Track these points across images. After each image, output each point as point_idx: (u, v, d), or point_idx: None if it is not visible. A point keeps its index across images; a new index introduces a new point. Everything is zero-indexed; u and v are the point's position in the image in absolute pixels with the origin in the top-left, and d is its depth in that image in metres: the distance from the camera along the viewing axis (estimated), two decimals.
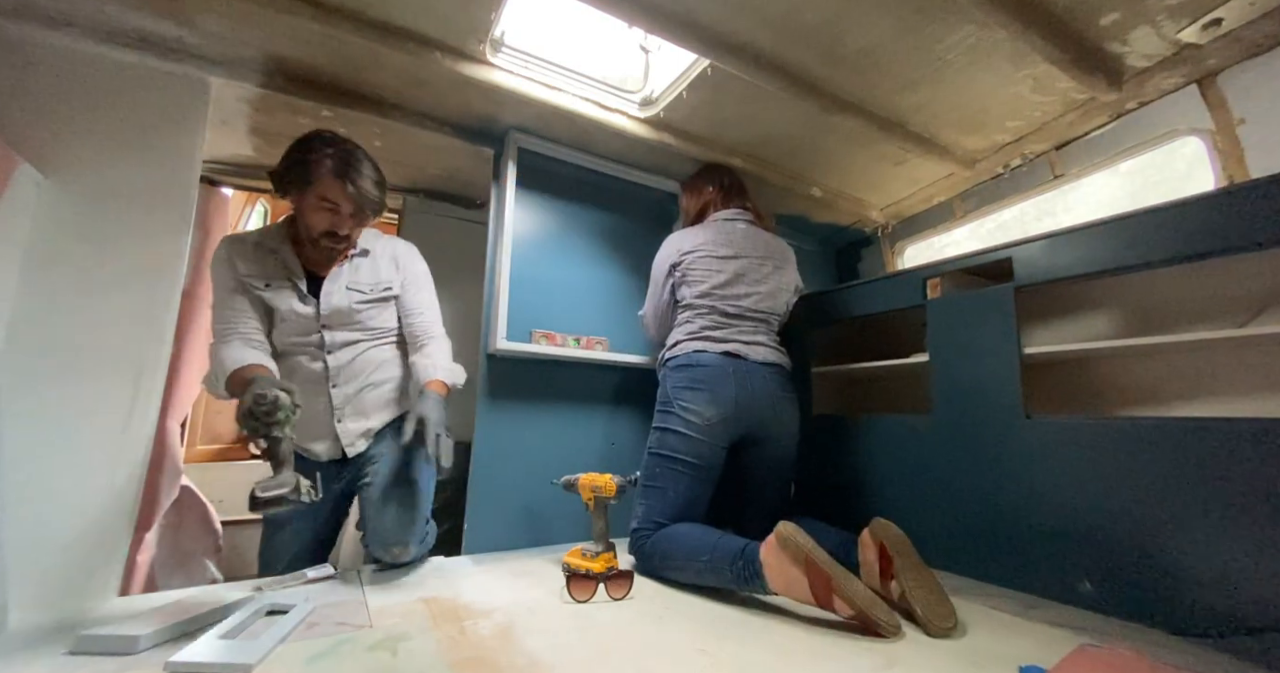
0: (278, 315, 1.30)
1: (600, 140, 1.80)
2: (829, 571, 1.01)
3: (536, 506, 1.67)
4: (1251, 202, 1.02)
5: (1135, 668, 0.84)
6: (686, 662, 0.87)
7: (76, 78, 1.24)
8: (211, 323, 1.27)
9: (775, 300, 1.62)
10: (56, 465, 1.10)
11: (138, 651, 0.85)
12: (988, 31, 1.29)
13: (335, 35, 1.29)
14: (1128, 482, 1.12)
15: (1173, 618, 1.03)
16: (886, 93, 1.56)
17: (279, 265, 1.31)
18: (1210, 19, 1.23)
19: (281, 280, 1.30)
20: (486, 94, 1.55)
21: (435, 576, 1.32)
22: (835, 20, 1.29)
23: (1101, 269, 1.20)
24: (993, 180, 1.91)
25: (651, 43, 1.69)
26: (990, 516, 1.32)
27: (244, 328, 1.25)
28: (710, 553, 1.20)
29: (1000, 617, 1.09)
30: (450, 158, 1.89)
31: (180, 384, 1.71)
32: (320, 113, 1.57)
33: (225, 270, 1.27)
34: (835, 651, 0.93)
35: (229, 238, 1.33)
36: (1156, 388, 1.34)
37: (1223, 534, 0.99)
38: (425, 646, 0.90)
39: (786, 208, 2.27)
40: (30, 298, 1.12)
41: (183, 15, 1.24)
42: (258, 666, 0.81)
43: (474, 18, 1.30)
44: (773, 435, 1.53)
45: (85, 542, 1.11)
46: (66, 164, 1.20)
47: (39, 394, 1.11)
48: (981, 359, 1.37)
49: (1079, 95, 1.51)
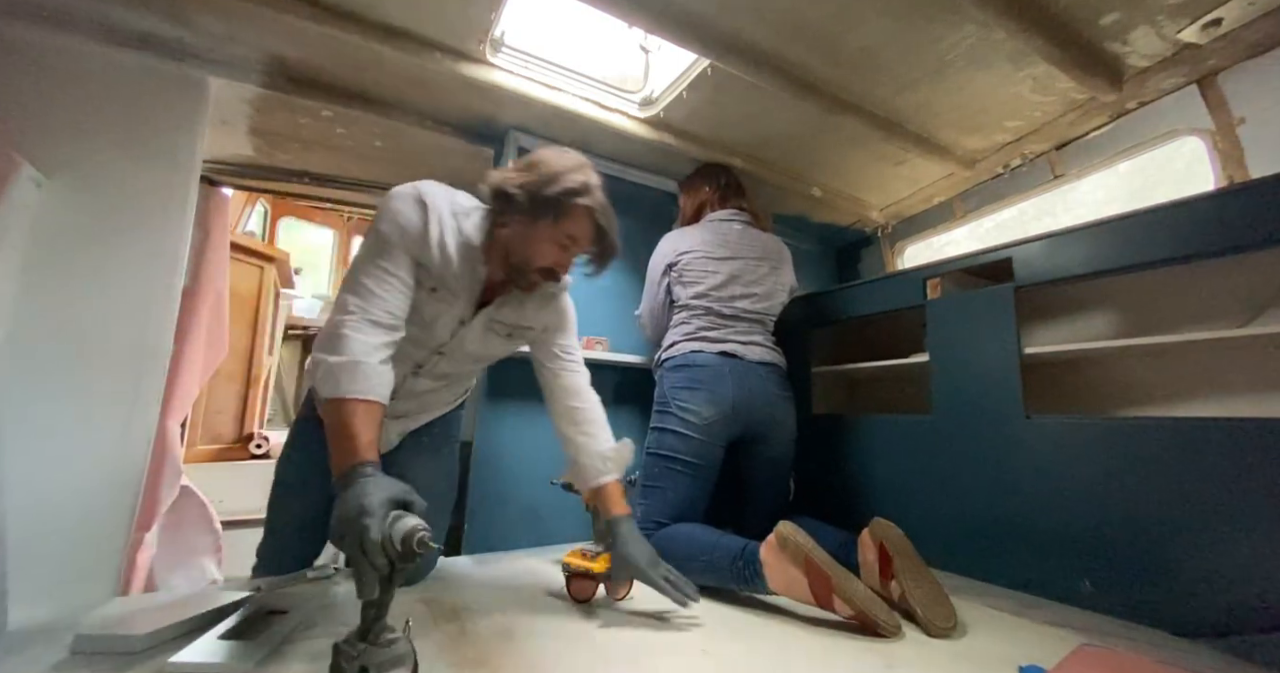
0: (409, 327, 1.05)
1: (600, 140, 1.80)
2: (828, 571, 1.01)
3: (536, 506, 1.67)
4: (1251, 202, 1.02)
5: (1135, 668, 0.84)
6: (687, 662, 0.87)
7: (76, 78, 1.24)
8: (348, 275, 0.98)
9: (771, 301, 1.63)
10: (57, 465, 1.10)
11: (138, 651, 0.85)
12: (988, 31, 1.29)
13: (335, 35, 1.29)
14: (1128, 482, 1.12)
15: (1173, 618, 1.02)
16: (886, 93, 1.56)
17: (464, 276, 1.06)
18: (1210, 19, 1.23)
19: (453, 294, 1.07)
20: (486, 94, 1.55)
21: (435, 576, 1.32)
22: (835, 20, 1.29)
23: (1101, 269, 1.20)
24: (993, 180, 1.91)
25: (651, 43, 1.69)
26: (990, 515, 1.32)
27: (387, 316, 0.96)
28: (710, 553, 1.20)
29: (1000, 617, 1.09)
30: (450, 158, 1.89)
31: (180, 384, 1.71)
32: (320, 113, 1.57)
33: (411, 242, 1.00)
34: (835, 651, 0.93)
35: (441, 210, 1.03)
36: (1156, 388, 1.34)
37: (1223, 534, 0.99)
38: (426, 645, 0.90)
39: (786, 208, 2.27)
40: (30, 298, 1.12)
41: (183, 15, 1.24)
42: (258, 666, 0.81)
43: (474, 18, 1.30)
44: (770, 435, 1.53)
45: (85, 542, 1.11)
46: (67, 164, 1.20)
47: (39, 394, 1.11)
48: (981, 359, 1.37)
49: (1079, 95, 1.51)
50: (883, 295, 1.69)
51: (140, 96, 1.30)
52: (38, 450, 1.09)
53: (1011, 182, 1.86)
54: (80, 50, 1.25)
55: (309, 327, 3.72)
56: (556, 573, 1.35)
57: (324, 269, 4.42)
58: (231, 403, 2.72)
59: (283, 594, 1.13)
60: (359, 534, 0.70)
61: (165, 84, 1.33)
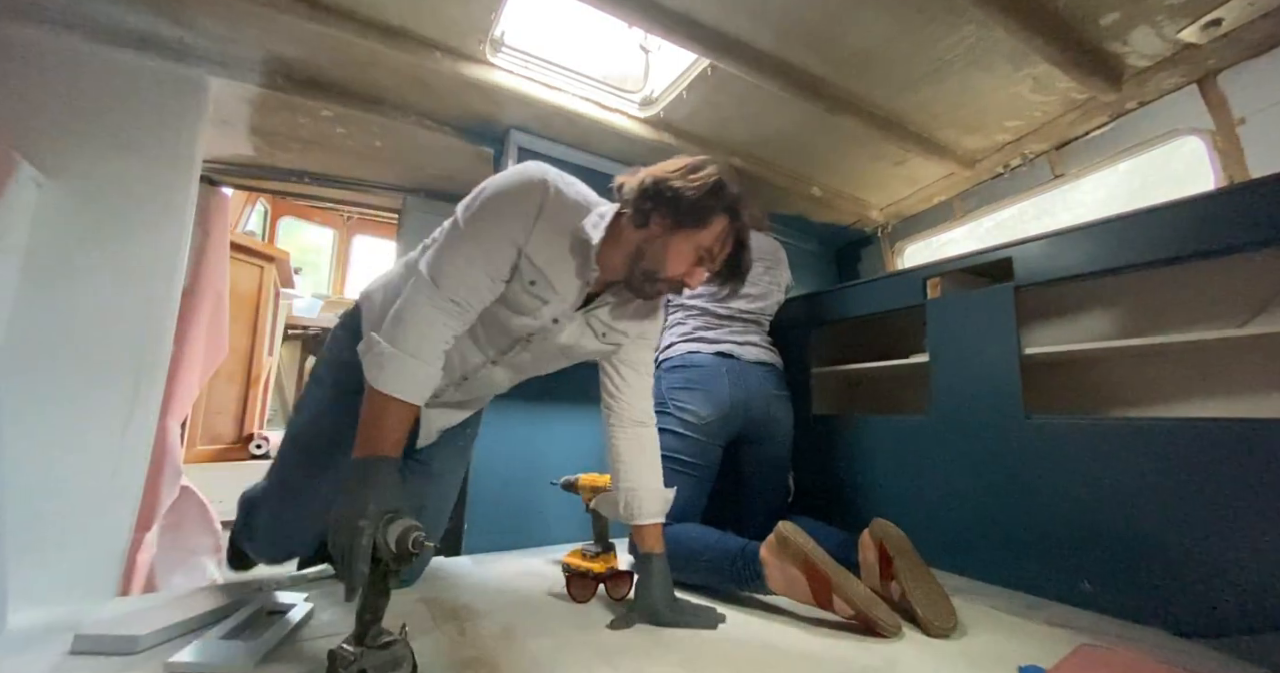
0: (497, 311, 0.98)
1: (600, 140, 1.80)
2: (828, 571, 1.01)
3: (536, 506, 1.67)
4: (1251, 202, 1.02)
5: (1135, 668, 0.84)
6: (687, 662, 0.87)
7: (76, 78, 1.24)
8: (440, 247, 0.91)
9: (766, 302, 1.64)
10: (56, 465, 1.10)
11: (138, 651, 0.85)
12: (988, 31, 1.29)
13: (335, 35, 1.29)
14: (1128, 482, 1.12)
15: (1173, 618, 1.02)
16: (886, 93, 1.56)
17: (571, 274, 0.97)
18: (1210, 19, 1.23)
19: (553, 292, 0.97)
20: (486, 94, 1.55)
21: (435, 576, 1.32)
22: (835, 20, 1.29)
23: (1101, 269, 1.20)
24: (993, 180, 1.91)
25: (651, 43, 1.69)
26: (990, 515, 1.32)
27: (465, 304, 0.90)
28: (710, 553, 1.20)
29: (1000, 617, 1.09)
30: (450, 158, 1.89)
31: (180, 384, 1.71)
32: (320, 113, 1.58)
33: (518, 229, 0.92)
34: (835, 651, 0.93)
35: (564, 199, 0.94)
36: (1156, 388, 1.34)
37: (1223, 534, 0.99)
38: (425, 646, 0.90)
39: (786, 208, 2.27)
40: (30, 298, 1.12)
41: (183, 15, 1.24)
42: (258, 666, 0.81)
43: (474, 18, 1.30)
44: (768, 434, 1.53)
45: (85, 542, 1.11)
46: (67, 164, 1.20)
47: (39, 394, 1.11)
48: (981, 359, 1.37)
49: (1079, 95, 1.51)
50: (882, 295, 1.69)
51: (140, 97, 1.30)
52: (38, 450, 1.09)
53: (1011, 182, 1.86)
54: (80, 50, 1.25)
55: (309, 327, 3.73)
56: (556, 573, 1.35)
57: (324, 269, 4.42)
58: (231, 403, 2.72)
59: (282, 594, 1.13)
60: (351, 534, 0.70)
61: (165, 84, 1.33)
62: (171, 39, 1.31)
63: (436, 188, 2.18)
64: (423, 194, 2.20)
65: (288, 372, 3.77)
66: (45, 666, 0.81)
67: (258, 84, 1.45)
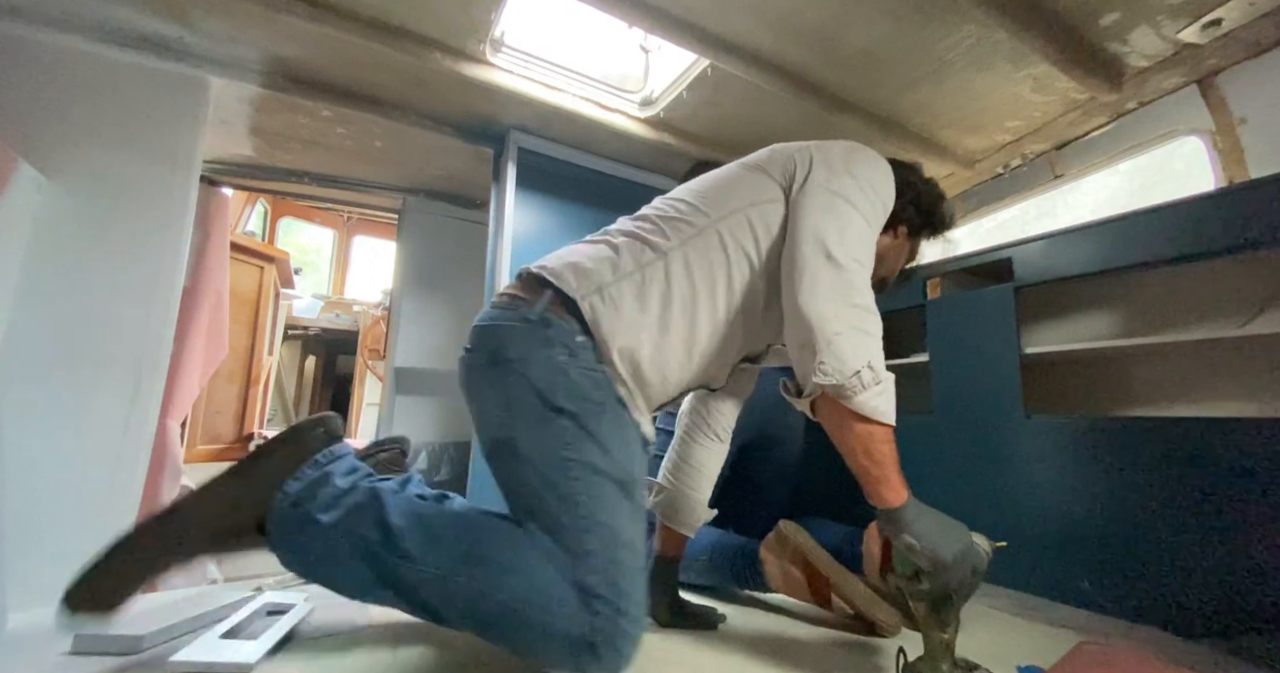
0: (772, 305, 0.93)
1: (600, 140, 1.80)
2: (827, 571, 1.01)
3: None
4: (1251, 202, 1.02)
5: (1135, 667, 0.84)
6: (686, 662, 0.87)
7: (77, 78, 1.24)
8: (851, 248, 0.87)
9: None
10: (57, 465, 1.10)
11: (138, 651, 0.85)
12: (988, 31, 1.29)
13: (335, 35, 1.29)
14: (1127, 481, 1.12)
15: (1173, 618, 1.03)
16: (886, 93, 1.56)
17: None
18: (1210, 19, 1.23)
19: None
20: (486, 94, 1.55)
21: None
22: (835, 20, 1.29)
23: (1101, 269, 1.20)
24: (993, 180, 1.91)
25: (651, 43, 1.69)
26: (990, 515, 1.32)
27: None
28: (710, 552, 1.20)
29: (1000, 617, 1.09)
30: (450, 158, 1.89)
31: (180, 384, 1.71)
32: (320, 113, 1.57)
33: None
34: (835, 650, 0.93)
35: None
36: (1156, 388, 1.33)
37: (1223, 534, 0.99)
38: (425, 646, 0.90)
39: None
40: (30, 298, 1.12)
41: (183, 15, 1.24)
42: (258, 666, 0.81)
43: (474, 18, 1.30)
44: (775, 437, 1.53)
45: (85, 542, 1.11)
46: (67, 164, 1.20)
47: (39, 394, 1.11)
48: (981, 359, 1.37)
49: (1079, 95, 1.50)
50: (882, 295, 1.69)
51: (140, 97, 1.30)
52: (38, 450, 1.09)
53: (1011, 182, 1.86)
54: (81, 50, 1.25)
55: (309, 327, 3.73)
56: None
57: (324, 269, 4.42)
58: (231, 403, 2.72)
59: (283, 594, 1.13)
60: (973, 562, 0.78)
61: (165, 84, 1.33)
62: (172, 39, 1.31)
63: (436, 188, 2.18)
64: (422, 194, 2.20)
65: (288, 372, 3.77)
66: (45, 666, 0.81)
67: (258, 84, 1.45)
